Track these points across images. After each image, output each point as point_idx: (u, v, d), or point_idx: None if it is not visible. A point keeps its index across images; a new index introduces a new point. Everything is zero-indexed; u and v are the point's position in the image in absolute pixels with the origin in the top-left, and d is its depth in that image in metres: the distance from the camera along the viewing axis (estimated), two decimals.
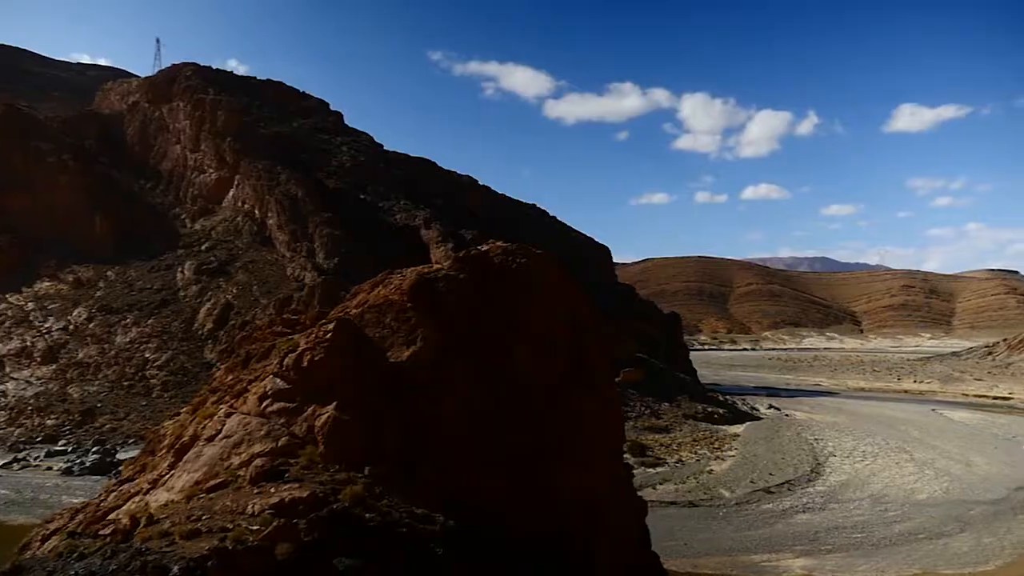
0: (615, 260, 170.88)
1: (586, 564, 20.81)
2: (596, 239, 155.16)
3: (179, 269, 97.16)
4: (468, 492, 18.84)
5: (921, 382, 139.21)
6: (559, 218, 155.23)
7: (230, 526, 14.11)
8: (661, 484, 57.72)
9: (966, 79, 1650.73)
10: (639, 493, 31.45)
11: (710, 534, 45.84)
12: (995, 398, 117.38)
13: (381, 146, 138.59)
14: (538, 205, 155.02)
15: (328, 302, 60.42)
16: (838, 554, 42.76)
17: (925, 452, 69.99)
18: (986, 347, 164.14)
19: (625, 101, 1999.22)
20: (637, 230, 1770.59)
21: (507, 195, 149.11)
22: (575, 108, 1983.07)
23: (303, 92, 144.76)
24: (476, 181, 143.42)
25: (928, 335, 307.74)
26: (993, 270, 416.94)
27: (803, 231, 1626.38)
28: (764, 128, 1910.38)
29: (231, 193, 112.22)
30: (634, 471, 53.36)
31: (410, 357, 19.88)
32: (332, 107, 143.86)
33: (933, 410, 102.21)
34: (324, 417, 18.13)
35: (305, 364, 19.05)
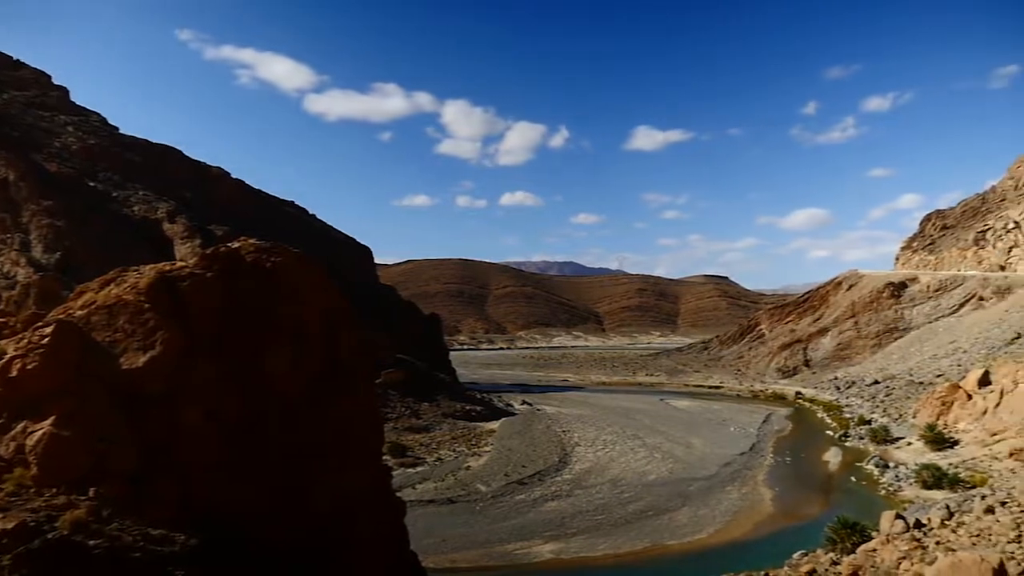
0: (377, 261, 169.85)
1: (345, 568, 20.37)
2: (357, 239, 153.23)
3: None
4: (218, 505, 17.56)
5: (652, 375, 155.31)
6: (319, 216, 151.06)
7: None
8: (420, 483, 58.32)
9: (690, 107, 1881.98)
10: (399, 493, 31.50)
11: (467, 528, 47.18)
12: (710, 387, 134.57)
13: (116, 128, 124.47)
14: (297, 202, 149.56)
15: (47, 302, 52.74)
16: (582, 536, 46.18)
17: (654, 438, 78.08)
18: (703, 343, 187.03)
19: (389, 102, 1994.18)
20: (399, 231, 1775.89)
21: (263, 190, 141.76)
22: (337, 105, 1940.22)
23: (17, 60, 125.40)
24: (228, 174, 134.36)
25: (658, 333, 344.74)
26: (708, 276, 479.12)
27: (554, 237, 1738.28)
28: (521, 139, 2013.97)
29: None
30: (394, 472, 53.31)
31: (147, 363, 18.02)
32: (55, 80, 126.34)
33: (661, 400, 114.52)
34: (38, 434, 15.80)
35: (14, 374, 16.47)
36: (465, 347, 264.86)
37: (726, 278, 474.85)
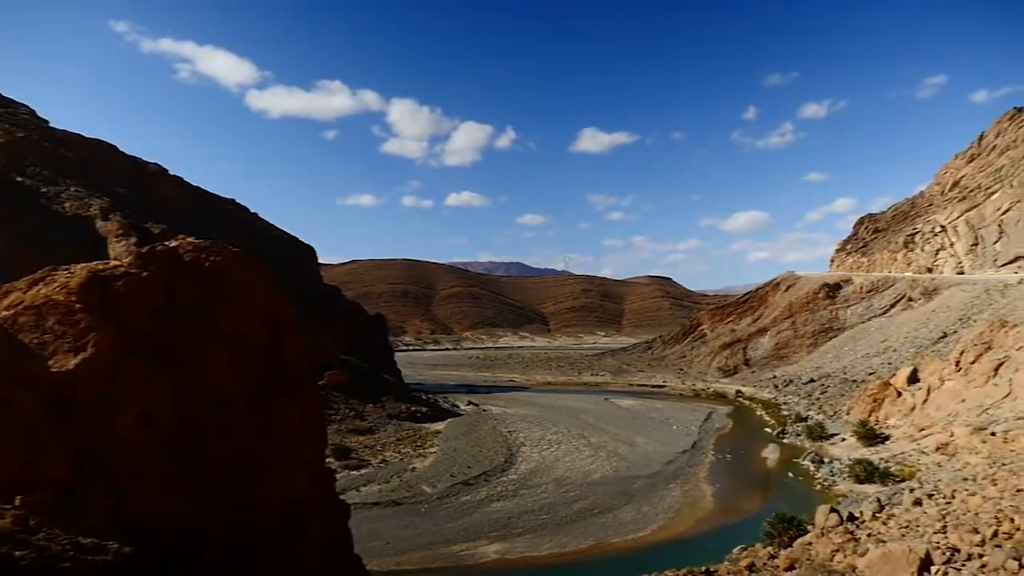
0: (321, 261, 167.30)
1: (287, 573, 20.00)
2: (301, 238, 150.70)
3: None
4: (153, 512, 17.02)
5: (597, 375, 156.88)
6: (261, 215, 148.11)
7: None
8: (365, 485, 57.70)
9: (635, 111, 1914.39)
10: (343, 496, 31.14)
11: (412, 531, 46.91)
12: (653, 386, 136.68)
13: (46, 122, 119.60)
14: (238, 200, 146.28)
15: None
16: (528, 535, 46.39)
17: (599, 436, 78.91)
18: (646, 343, 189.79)
19: (334, 99, 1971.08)
20: (344, 231, 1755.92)
21: (203, 187, 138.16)
22: (281, 101, 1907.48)
23: None
24: (166, 170, 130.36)
25: (603, 333, 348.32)
26: (652, 276, 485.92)
27: (501, 237, 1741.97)
28: (468, 139, 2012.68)
29: None
30: (338, 474, 52.67)
31: (79, 366, 17.36)
32: None
33: (606, 399, 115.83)
34: None
35: None
36: (411, 348, 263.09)
37: (669, 279, 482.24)
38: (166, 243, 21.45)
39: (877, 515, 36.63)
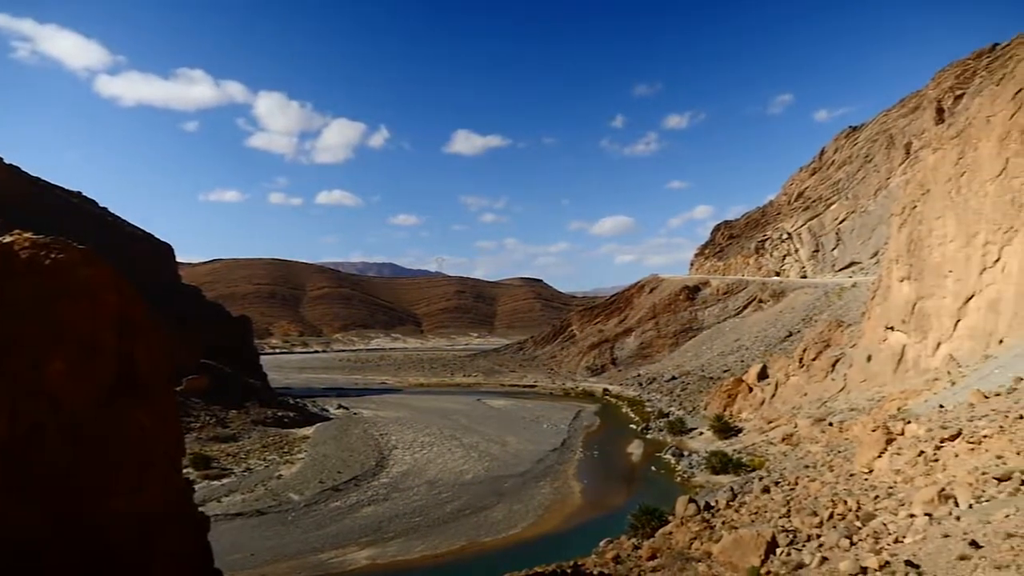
0: (180, 259, 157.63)
1: None
2: (157, 235, 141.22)
3: None
4: None
5: (469, 376, 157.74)
6: (111, 209, 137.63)
7: None
8: (227, 496, 55.08)
9: (509, 115, 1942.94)
10: (203, 508, 29.58)
11: (278, 540, 45.27)
12: (525, 386, 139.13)
13: None
14: (85, 193, 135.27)
15: None
16: (400, 539, 45.93)
17: (471, 437, 79.33)
18: (518, 344, 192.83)
19: (195, 89, 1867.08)
20: (206, 228, 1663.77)
21: (44, 179, 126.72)
22: (135, 89, 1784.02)
23: None
24: (0, 159, 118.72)
25: (476, 334, 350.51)
26: (524, 278, 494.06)
27: (373, 237, 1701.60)
28: (339, 136, 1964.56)
29: None
30: (197, 485, 50.11)
31: None
32: None
33: (478, 400, 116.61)
34: None
35: None
36: (278, 350, 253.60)
37: (541, 280, 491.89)
38: (0, 239, 19.56)
39: (731, 503, 39.08)
